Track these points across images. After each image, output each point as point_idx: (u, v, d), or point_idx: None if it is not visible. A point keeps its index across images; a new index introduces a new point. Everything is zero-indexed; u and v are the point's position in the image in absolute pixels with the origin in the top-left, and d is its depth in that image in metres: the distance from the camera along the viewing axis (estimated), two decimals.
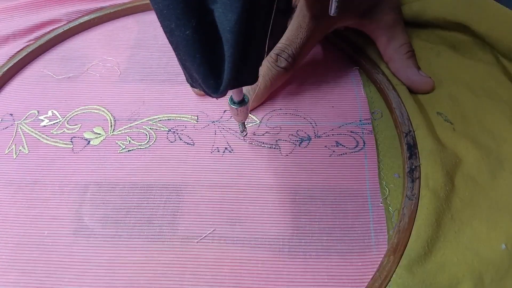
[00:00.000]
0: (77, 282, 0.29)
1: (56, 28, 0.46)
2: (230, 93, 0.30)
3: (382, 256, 0.30)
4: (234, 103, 0.31)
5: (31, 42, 0.44)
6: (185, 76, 0.26)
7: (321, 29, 0.38)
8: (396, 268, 0.29)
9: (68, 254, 0.31)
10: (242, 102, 0.30)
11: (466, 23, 0.42)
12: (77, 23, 0.46)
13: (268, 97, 0.40)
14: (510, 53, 0.42)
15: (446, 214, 0.31)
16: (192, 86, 0.26)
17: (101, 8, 0.47)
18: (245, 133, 0.36)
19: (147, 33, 0.46)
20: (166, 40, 0.44)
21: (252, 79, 0.26)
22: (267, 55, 0.37)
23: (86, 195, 0.33)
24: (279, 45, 0.37)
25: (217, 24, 0.22)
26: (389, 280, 0.28)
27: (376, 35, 0.40)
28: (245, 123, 0.35)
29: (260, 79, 0.37)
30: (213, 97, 0.25)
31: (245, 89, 0.37)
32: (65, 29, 0.45)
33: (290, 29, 0.37)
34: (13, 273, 0.30)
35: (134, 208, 0.33)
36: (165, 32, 0.23)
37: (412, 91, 0.39)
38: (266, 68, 0.37)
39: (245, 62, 0.23)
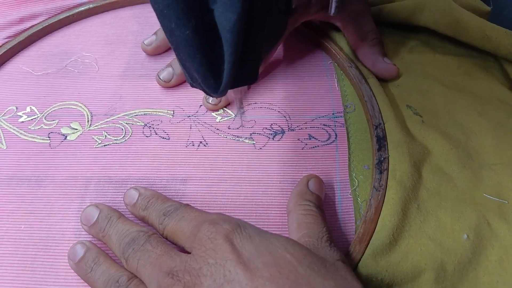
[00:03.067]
0: (52, 275, 0.30)
1: (35, 24, 0.46)
2: None
3: (349, 246, 0.31)
4: None
5: (10, 39, 0.45)
6: (184, 75, 0.26)
7: (289, 22, 0.38)
8: (361, 257, 0.30)
9: (44, 248, 0.31)
10: None
11: (433, 28, 0.42)
12: (56, 20, 0.46)
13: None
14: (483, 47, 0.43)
15: (413, 204, 0.32)
16: (192, 86, 0.26)
17: (80, 4, 0.48)
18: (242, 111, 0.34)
19: (126, 29, 0.46)
20: (144, 36, 0.45)
21: (252, 78, 0.26)
22: (267, 55, 0.38)
23: (62, 190, 0.34)
24: None
25: (216, 24, 0.22)
26: (354, 269, 0.29)
27: (343, 25, 0.41)
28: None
29: None
30: (213, 97, 0.25)
31: None
32: (44, 25, 0.46)
33: None
34: None
35: (109, 203, 0.33)
36: (165, 32, 0.23)
37: (377, 78, 0.40)
38: None
39: (244, 61, 0.24)
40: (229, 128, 0.38)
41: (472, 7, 0.45)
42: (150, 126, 0.38)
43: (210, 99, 0.39)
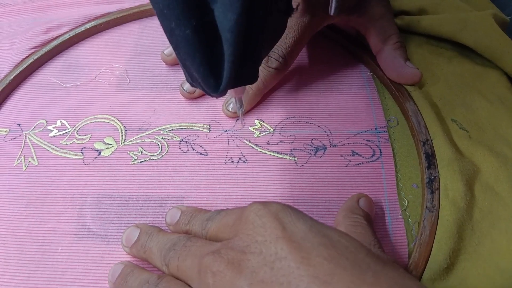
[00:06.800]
0: None
1: (62, 34, 0.45)
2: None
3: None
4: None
5: (36, 49, 0.43)
6: (185, 75, 0.26)
7: (310, 27, 0.38)
8: None
9: (83, 272, 0.30)
10: None
11: (473, 48, 0.42)
12: (83, 29, 0.45)
13: (281, 105, 0.39)
14: None
15: (467, 225, 0.31)
16: (192, 85, 0.26)
17: (107, 14, 0.46)
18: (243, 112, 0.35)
19: (155, 39, 0.45)
20: None
21: (252, 78, 0.26)
22: (267, 55, 0.37)
23: (100, 209, 0.33)
24: None
25: (217, 23, 0.22)
26: None
27: (365, 28, 0.40)
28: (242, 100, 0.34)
29: None
30: (213, 96, 0.25)
31: None
32: (71, 35, 0.44)
33: None
34: None
35: (149, 223, 0.32)
36: (165, 31, 0.23)
37: (398, 83, 0.39)
38: None
39: (245, 61, 0.23)
40: (268, 144, 0.37)
41: (492, 15, 0.44)
42: (186, 141, 0.37)
43: (230, 107, 0.38)
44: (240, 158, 0.36)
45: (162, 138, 0.37)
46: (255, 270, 0.22)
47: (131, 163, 0.35)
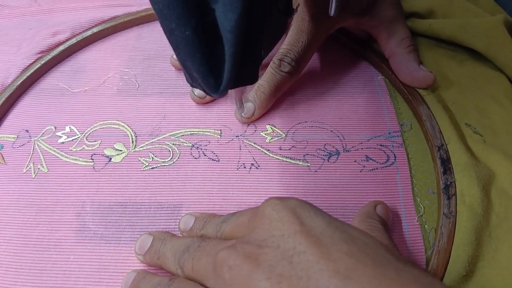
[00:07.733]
0: None
1: (69, 38, 0.44)
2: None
3: None
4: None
5: (43, 54, 0.43)
6: (185, 76, 0.26)
7: (322, 31, 0.37)
8: None
9: (96, 281, 0.29)
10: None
11: (482, 53, 0.41)
12: (90, 33, 0.44)
13: (293, 109, 0.39)
14: None
15: (485, 232, 0.31)
16: (192, 86, 0.26)
17: (114, 17, 0.46)
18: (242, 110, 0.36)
19: (164, 43, 0.45)
20: None
21: (252, 78, 0.26)
22: (268, 55, 0.37)
23: (111, 217, 0.32)
24: (281, 50, 0.37)
25: (217, 24, 0.22)
26: None
27: (376, 31, 0.40)
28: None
29: (265, 85, 0.37)
30: (213, 96, 0.25)
31: (251, 96, 0.37)
32: (78, 39, 0.44)
33: (291, 33, 0.37)
34: None
35: (161, 230, 0.31)
36: (165, 32, 0.23)
37: (412, 86, 0.39)
38: (270, 74, 0.37)
39: (245, 61, 0.23)
40: (280, 149, 0.36)
41: (503, 21, 0.44)
42: (198, 147, 0.36)
43: (243, 112, 0.37)
44: (252, 164, 0.35)
45: (173, 144, 0.36)
46: (273, 264, 0.21)
47: (142, 169, 0.35)
